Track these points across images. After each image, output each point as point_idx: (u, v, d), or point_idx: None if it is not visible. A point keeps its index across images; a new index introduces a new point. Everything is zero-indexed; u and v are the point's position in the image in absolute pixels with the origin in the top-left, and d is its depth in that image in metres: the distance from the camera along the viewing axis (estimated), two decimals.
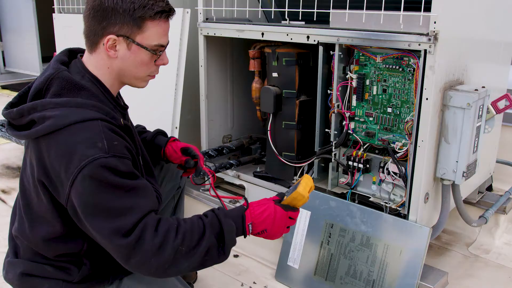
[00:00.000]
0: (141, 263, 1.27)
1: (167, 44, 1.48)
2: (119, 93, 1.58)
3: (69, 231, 1.40)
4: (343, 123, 2.14)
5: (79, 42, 1.51)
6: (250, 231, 1.43)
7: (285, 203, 1.49)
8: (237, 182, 2.60)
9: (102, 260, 1.46)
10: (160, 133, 1.89)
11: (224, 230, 1.36)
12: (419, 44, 1.77)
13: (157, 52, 1.45)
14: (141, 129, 1.92)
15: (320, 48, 2.09)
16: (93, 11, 1.38)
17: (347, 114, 2.12)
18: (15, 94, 7.10)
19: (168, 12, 1.43)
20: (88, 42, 1.43)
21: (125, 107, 1.56)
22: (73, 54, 1.52)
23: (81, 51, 1.52)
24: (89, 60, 1.44)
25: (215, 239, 1.35)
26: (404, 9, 1.81)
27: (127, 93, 1.69)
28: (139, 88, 1.52)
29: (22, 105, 1.36)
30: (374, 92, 2.05)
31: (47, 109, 1.30)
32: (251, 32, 2.31)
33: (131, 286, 1.53)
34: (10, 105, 1.42)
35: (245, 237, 1.45)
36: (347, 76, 2.09)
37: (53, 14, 3.80)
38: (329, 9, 2.03)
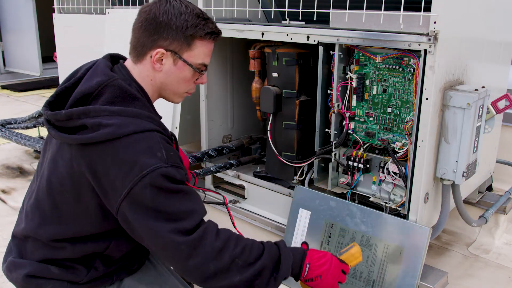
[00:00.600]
0: (199, 265, 1.30)
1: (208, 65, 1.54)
2: None
3: (100, 232, 1.43)
4: (343, 123, 2.14)
5: (79, 42, 1.51)
6: (306, 272, 1.43)
7: (342, 258, 1.51)
8: (237, 182, 2.60)
9: (114, 261, 1.49)
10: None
11: (282, 258, 1.39)
12: (419, 44, 1.77)
13: (201, 70, 1.50)
14: None
15: (320, 48, 2.09)
16: (146, 23, 1.43)
17: (347, 114, 2.12)
18: (15, 94, 7.04)
19: (217, 34, 1.49)
20: (134, 52, 1.47)
21: (160, 117, 1.59)
22: (114, 59, 1.54)
23: (121, 57, 1.55)
24: (133, 70, 1.47)
25: (271, 263, 1.38)
26: (404, 9, 1.81)
27: None
28: (174, 103, 1.59)
29: (71, 108, 1.35)
30: (374, 92, 2.05)
31: (102, 116, 1.31)
32: (251, 32, 2.31)
33: (132, 285, 1.54)
34: (49, 103, 1.43)
35: (297, 279, 1.45)
36: (347, 76, 2.09)
37: (53, 14, 3.80)
38: (329, 9, 2.03)
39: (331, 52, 2.07)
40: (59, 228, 1.43)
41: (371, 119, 2.08)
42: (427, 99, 1.79)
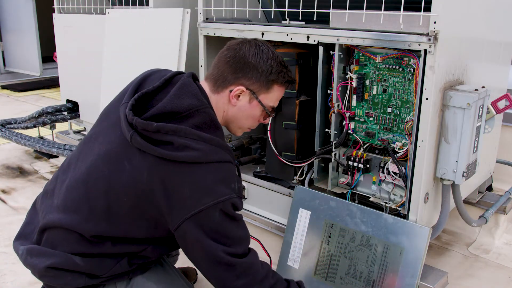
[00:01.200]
0: (246, 285, 1.44)
1: None
2: None
3: (141, 239, 1.50)
4: (343, 123, 2.14)
5: (79, 42, 1.52)
6: None
7: None
8: None
9: (139, 261, 1.54)
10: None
11: None
12: (419, 44, 1.77)
13: (270, 112, 1.66)
14: None
15: (320, 48, 2.09)
16: (233, 60, 1.54)
17: (347, 114, 2.12)
18: (15, 94, 7.02)
19: (293, 83, 1.68)
20: (215, 83, 1.57)
21: None
22: (194, 78, 1.61)
23: (196, 78, 1.61)
24: (210, 97, 1.57)
25: None
26: (404, 9, 1.81)
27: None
28: (234, 135, 1.73)
29: (162, 123, 1.41)
30: (374, 92, 2.05)
31: (190, 139, 1.40)
32: (251, 32, 2.31)
33: (140, 283, 1.57)
34: (132, 107, 1.47)
35: None
36: (347, 76, 2.09)
37: (53, 14, 3.81)
38: (329, 9, 2.03)
39: (331, 52, 2.07)
40: (106, 226, 1.46)
41: (371, 119, 2.08)
42: (427, 99, 1.79)
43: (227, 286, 1.44)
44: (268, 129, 2.42)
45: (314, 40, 2.09)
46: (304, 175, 2.34)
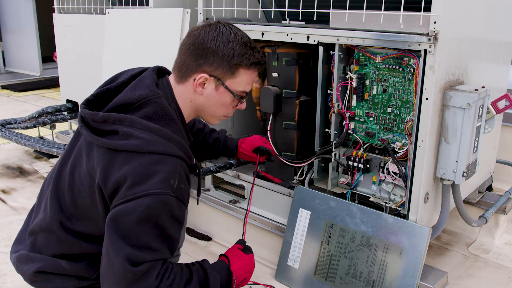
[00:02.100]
0: None
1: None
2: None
3: None
4: (343, 123, 2.14)
5: (79, 42, 1.52)
6: (235, 285, 1.57)
7: None
8: (237, 182, 2.60)
9: None
10: (226, 135, 2.09)
11: (209, 280, 1.46)
12: (419, 44, 1.77)
13: (241, 98, 1.56)
14: (210, 129, 2.07)
15: (320, 48, 2.09)
16: (192, 47, 1.46)
17: (347, 114, 2.12)
18: (15, 94, 7.03)
19: (262, 65, 1.54)
20: (178, 73, 1.51)
21: (190, 139, 1.62)
22: (160, 72, 1.58)
23: (167, 72, 1.59)
24: (175, 88, 1.51)
25: (199, 286, 1.44)
26: (404, 9, 1.81)
27: None
28: (210, 124, 1.64)
29: (109, 112, 1.38)
30: (374, 92, 2.05)
31: (135, 128, 1.35)
32: (251, 32, 2.30)
33: None
34: (87, 101, 1.46)
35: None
36: (347, 76, 2.09)
37: (53, 14, 3.81)
38: (329, 9, 2.03)
39: (331, 52, 2.07)
40: (76, 224, 1.46)
41: (371, 119, 2.08)
42: (427, 99, 1.79)
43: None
44: (268, 129, 2.42)
45: (314, 40, 2.09)
46: (304, 175, 2.34)
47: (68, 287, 1.49)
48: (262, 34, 2.26)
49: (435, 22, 1.71)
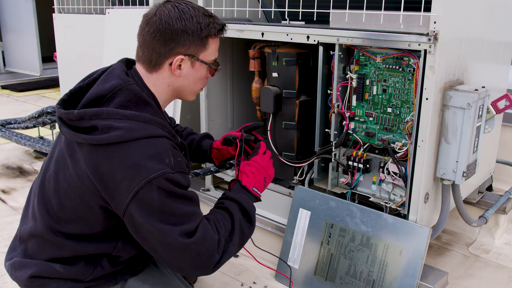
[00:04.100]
0: (206, 259, 1.38)
1: None
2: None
3: (105, 233, 1.45)
4: (343, 123, 2.14)
5: (79, 42, 1.52)
6: (258, 192, 1.64)
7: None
8: None
9: (121, 261, 1.51)
10: (206, 136, 1.99)
11: (244, 205, 1.54)
12: (419, 44, 1.77)
13: (216, 66, 1.55)
14: (191, 131, 2.01)
15: (320, 48, 2.09)
16: (159, 33, 1.43)
17: (347, 114, 2.12)
18: (15, 94, 7.03)
19: (224, 29, 1.53)
20: (149, 62, 1.47)
21: (171, 124, 1.62)
22: (130, 63, 1.57)
23: (134, 62, 1.56)
24: (147, 78, 1.49)
25: (241, 216, 1.53)
26: (404, 9, 1.81)
27: None
28: (188, 100, 1.62)
29: (84, 109, 1.37)
30: (374, 92, 2.05)
31: (113, 119, 1.33)
32: (251, 32, 2.31)
33: (135, 286, 1.56)
34: (62, 101, 1.45)
35: (258, 200, 1.66)
36: (347, 76, 2.09)
37: (53, 14, 3.81)
38: (329, 9, 2.03)
39: (331, 52, 2.07)
40: (66, 226, 1.45)
41: (371, 119, 2.08)
42: (427, 99, 1.79)
43: (187, 266, 1.38)
44: (268, 129, 2.42)
45: (314, 40, 2.09)
46: (304, 175, 2.34)
47: None
48: (262, 34, 2.26)
49: (435, 22, 1.71)
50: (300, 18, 2.20)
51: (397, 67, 1.95)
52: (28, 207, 1.58)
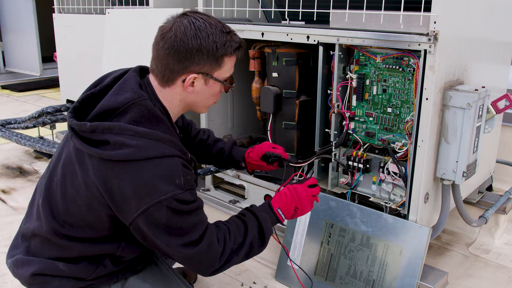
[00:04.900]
0: (209, 265, 1.45)
1: None
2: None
3: (110, 236, 1.47)
4: (343, 123, 2.14)
5: (79, 42, 1.52)
6: (283, 216, 1.63)
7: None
8: (237, 182, 2.60)
9: (124, 261, 1.53)
10: (234, 144, 2.02)
11: (262, 225, 1.56)
12: (419, 44, 1.77)
13: (230, 84, 1.55)
14: (215, 138, 2.03)
15: (320, 48, 2.09)
16: (173, 50, 1.40)
17: (347, 114, 2.12)
18: (15, 94, 7.02)
19: (241, 47, 1.52)
20: (162, 77, 1.46)
21: (180, 136, 1.62)
22: (143, 71, 1.55)
23: (148, 71, 1.55)
24: (160, 92, 1.48)
25: (256, 233, 1.54)
26: (404, 9, 1.81)
27: None
28: (201, 113, 1.65)
29: (96, 121, 1.36)
30: (374, 92, 2.05)
31: (125, 135, 1.33)
32: (251, 32, 2.31)
33: (136, 285, 1.57)
34: (74, 109, 1.45)
35: (281, 223, 1.66)
36: (347, 76, 2.09)
37: (53, 14, 3.81)
38: (329, 9, 2.03)
39: (331, 52, 2.07)
40: (70, 230, 1.46)
41: (371, 119, 2.08)
42: (427, 99, 1.79)
43: (192, 269, 1.47)
44: (268, 129, 2.42)
45: (314, 40, 2.09)
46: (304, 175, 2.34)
47: None
48: (262, 34, 2.26)
49: (435, 22, 1.71)
50: (300, 18, 2.20)
51: (397, 67, 1.95)
52: (33, 206, 1.58)
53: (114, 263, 1.51)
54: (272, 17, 2.65)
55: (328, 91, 2.16)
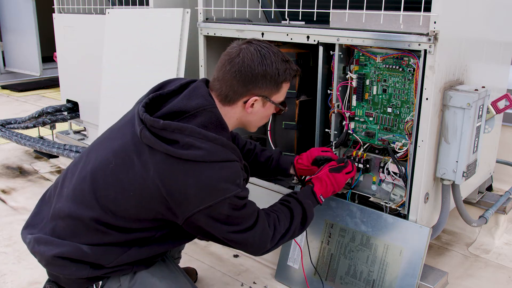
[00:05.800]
0: (261, 247, 1.61)
1: None
2: None
3: (151, 229, 1.56)
4: (343, 123, 2.14)
5: (79, 42, 1.52)
6: (323, 200, 1.82)
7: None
8: None
9: (148, 252, 1.59)
10: (280, 153, 2.11)
11: (307, 211, 1.73)
12: (419, 44, 1.77)
13: (284, 107, 1.71)
14: (261, 148, 2.12)
15: (320, 48, 2.09)
16: (239, 74, 1.55)
17: (347, 114, 2.12)
18: (15, 94, 7.02)
19: (298, 74, 1.69)
20: (225, 97, 1.59)
21: (239, 144, 1.85)
22: (207, 83, 1.67)
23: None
24: (220, 109, 1.59)
25: (300, 220, 1.72)
26: (404, 9, 1.81)
27: (124, 93, 1.69)
28: (251, 131, 1.78)
29: (168, 120, 1.46)
30: (374, 92, 2.05)
31: (195, 137, 1.45)
32: (251, 32, 2.31)
33: (144, 278, 1.60)
34: (145, 105, 1.54)
35: (321, 204, 1.84)
36: (347, 76, 2.09)
37: (53, 14, 3.81)
38: (329, 9, 2.03)
39: (331, 52, 2.07)
40: (112, 218, 1.51)
41: (371, 119, 2.08)
42: (427, 99, 1.79)
43: (248, 252, 1.62)
44: (268, 129, 2.42)
45: (314, 40, 2.09)
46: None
47: (81, 276, 1.52)
48: (262, 34, 2.26)
49: (435, 22, 1.71)
50: (300, 18, 2.20)
51: (397, 67, 1.95)
52: (65, 185, 1.62)
53: (138, 254, 1.55)
54: (272, 17, 2.65)
55: (328, 91, 2.16)
